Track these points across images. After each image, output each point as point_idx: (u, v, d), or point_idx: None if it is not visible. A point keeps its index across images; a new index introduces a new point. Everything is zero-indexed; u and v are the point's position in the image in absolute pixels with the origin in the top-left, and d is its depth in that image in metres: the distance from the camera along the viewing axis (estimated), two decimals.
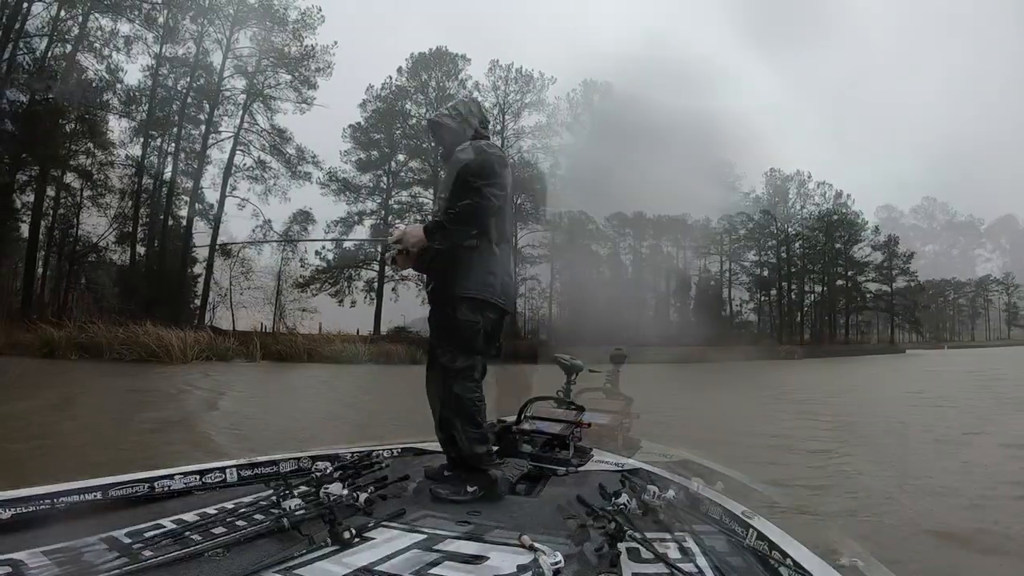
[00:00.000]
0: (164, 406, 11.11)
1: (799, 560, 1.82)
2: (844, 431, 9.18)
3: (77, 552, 1.79)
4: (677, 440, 6.00)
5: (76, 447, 6.71)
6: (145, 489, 2.42)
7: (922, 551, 4.05)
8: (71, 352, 20.14)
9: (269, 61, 32.58)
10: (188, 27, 30.74)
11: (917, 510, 4.86)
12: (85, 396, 12.01)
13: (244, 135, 32.64)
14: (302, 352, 25.61)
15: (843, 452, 7.45)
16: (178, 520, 2.14)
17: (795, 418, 10.54)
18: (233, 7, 31.46)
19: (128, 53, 29.20)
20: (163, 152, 31.19)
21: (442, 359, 2.82)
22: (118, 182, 30.14)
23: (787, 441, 8.21)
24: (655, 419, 10.70)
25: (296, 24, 32.40)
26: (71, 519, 2.07)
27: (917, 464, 6.68)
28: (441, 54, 37.50)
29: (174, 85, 31.13)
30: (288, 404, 12.98)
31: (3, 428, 7.48)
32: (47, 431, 7.42)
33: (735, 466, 4.74)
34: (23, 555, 1.72)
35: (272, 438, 7.82)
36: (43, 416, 8.62)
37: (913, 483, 5.68)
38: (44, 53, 26.80)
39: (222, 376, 17.29)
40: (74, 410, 9.76)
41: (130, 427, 8.29)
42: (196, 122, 31.71)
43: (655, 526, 2.23)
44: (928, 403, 13.03)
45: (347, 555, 1.89)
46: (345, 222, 35.84)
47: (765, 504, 4.18)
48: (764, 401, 13.87)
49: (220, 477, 2.69)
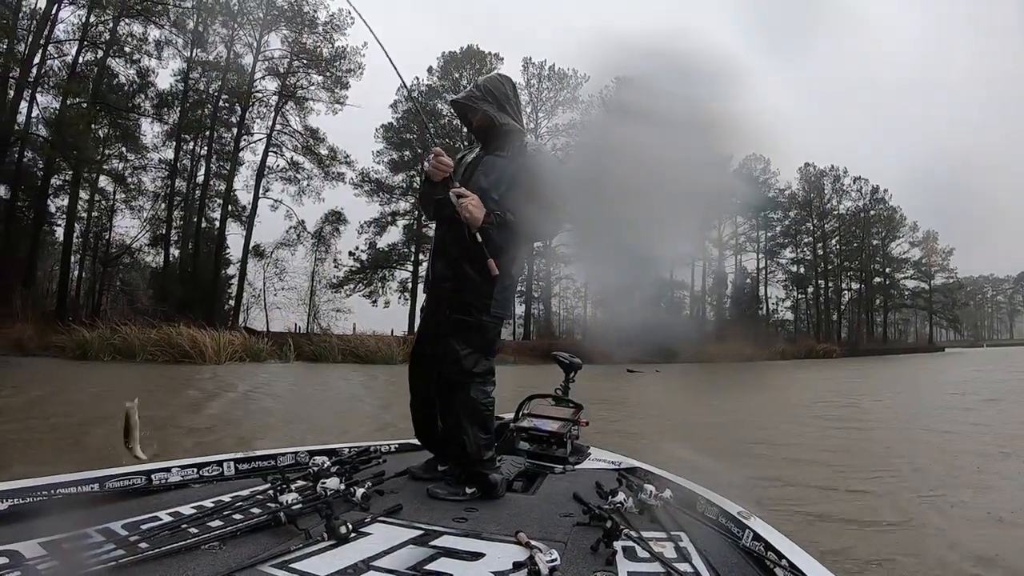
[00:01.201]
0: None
1: (795, 561, 1.75)
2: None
3: (74, 543, 1.78)
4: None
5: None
6: (142, 482, 2.42)
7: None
8: (103, 353, 19.59)
9: (300, 62, 32.01)
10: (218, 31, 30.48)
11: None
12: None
13: (277, 136, 32.22)
14: (336, 353, 24.89)
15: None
16: (175, 513, 2.13)
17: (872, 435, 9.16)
18: (262, 11, 31.01)
19: (159, 57, 28.95)
20: (196, 155, 30.92)
21: (464, 362, 2.68)
22: (151, 185, 29.99)
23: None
24: (667, 425, 9.41)
25: (326, 25, 31.78)
26: (68, 510, 2.05)
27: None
28: (472, 52, 36.64)
29: (206, 88, 30.80)
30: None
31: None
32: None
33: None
34: (20, 546, 1.72)
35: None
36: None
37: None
38: (75, 58, 26.43)
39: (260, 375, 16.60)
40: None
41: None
42: (228, 125, 31.34)
43: (651, 525, 2.19)
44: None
45: (343, 550, 1.86)
46: (378, 223, 35.07)
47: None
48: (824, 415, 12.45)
49: (217, 471, 2.69)
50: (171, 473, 2.52)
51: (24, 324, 20.61)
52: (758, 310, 46.78)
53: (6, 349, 18.79)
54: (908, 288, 54.09)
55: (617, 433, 7.61)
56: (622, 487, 2.46)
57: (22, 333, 20.08)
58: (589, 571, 1.81)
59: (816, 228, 48.54)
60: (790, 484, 5.32)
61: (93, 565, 1.59)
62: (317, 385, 15.65)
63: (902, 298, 53.94)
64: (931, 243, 52.79)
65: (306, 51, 31.82)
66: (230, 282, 31.73)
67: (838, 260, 50.24)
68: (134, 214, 29.60)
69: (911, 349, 53.39)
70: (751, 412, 10.78)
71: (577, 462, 3.29)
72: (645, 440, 7.47)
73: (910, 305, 55.14)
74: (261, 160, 31.63)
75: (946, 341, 66.50)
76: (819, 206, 48.59)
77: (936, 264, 53.39)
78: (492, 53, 36.88)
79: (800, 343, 44.52)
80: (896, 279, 53.00)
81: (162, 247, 29.78)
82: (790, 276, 48.46)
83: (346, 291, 34.07)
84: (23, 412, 8.43)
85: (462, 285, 2.72)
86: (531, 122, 37.64)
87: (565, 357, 4.07)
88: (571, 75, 37.17)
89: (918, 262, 52.93)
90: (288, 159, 32.44)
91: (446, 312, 2.75)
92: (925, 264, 52.91)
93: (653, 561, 1.84)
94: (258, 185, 31.35)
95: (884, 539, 3.99)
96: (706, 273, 45.22)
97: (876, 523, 4.27)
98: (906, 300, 54.37)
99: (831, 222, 49.19)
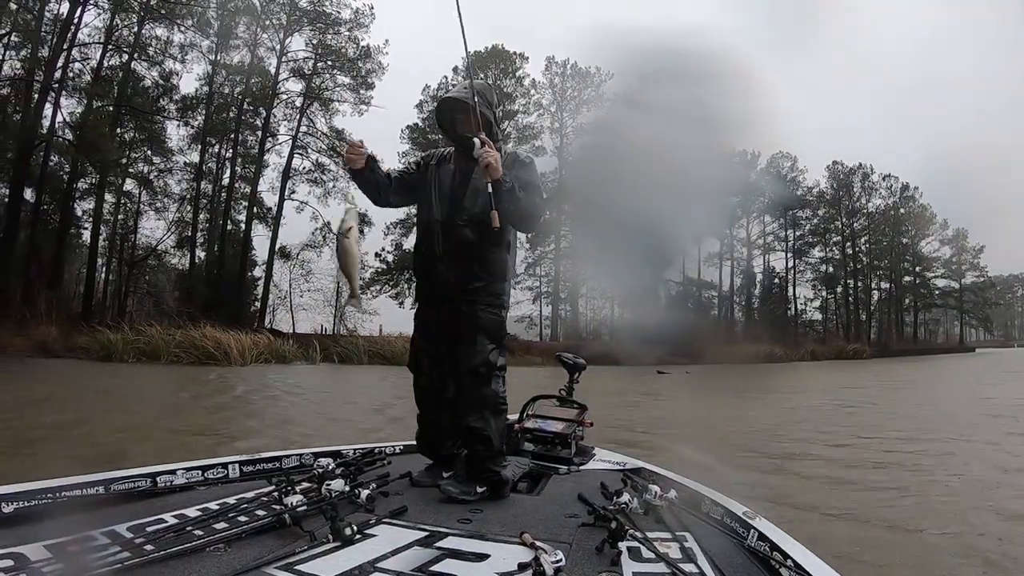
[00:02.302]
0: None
1: (800, 561, 1.75)
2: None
3: (79, 546, 1.76)
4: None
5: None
6: (147, 484, 2.41)
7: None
8: (128, 355, 19.03)
9: (325, 63, 31.38)
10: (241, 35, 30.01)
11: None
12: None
13: (302, 138, 31.58)
14: (362, 354, 24.19)
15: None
16: (180, 515, 2.11)
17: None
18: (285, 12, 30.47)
19: (183, 60, 28.44)
20: (221, 158, 30.45)
21: (491, 356, 2.66)
22: (177, 188, 29.64)
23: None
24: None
25: (350, 24, 31.07)
26: (73, 513, 2.04)
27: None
28: (497, 52, 35.76)
29: (231, 91, 30.34)
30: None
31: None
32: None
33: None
34: (25, 549, 1.70)
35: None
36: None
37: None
38: (100, 62, 26.01)
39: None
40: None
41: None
42: (253, 127, 30.83)
43: (656, 525, 2.16)
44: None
45: (348, 551, 1.83)
46: (404, 224, 34.22)
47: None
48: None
49: (222, 473, 2.66)
50: (176, 475, 2.51)
51: (49, 326, 20.12)
52: (787, 310, 45.39)
53: (30, 351, 18.36)
54: (938, 287, 52.40)
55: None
56: (627, 488, 2.44)
57: (46, 335, 19.59)
58: (594, 572, 1.79)
59: (845, 227, 47.02)
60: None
61: (98, 568, 1.58)
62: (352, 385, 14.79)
63: (932, 297, 52.22)
64: (961, 241, 51.14)
65: (330, 51, 31.18)
66: (256, 284, 31.27)
67: (867, 259, 48.64)
68: (159, 216, 29.30)
69: (942, 350, 51.77)
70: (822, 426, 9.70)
71: (582, 463, 3.27)
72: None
73: (940, 305, 53.47)
74: (286, 162, 31.06)
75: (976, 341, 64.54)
76: (848, 204, 47.09)
77: (966, 263, 51.73)
78: (518, 53, 35.99)
79: (830, 344, 43.17)
80: (926, 278, 51.28)
81: (188, 249, 29.39)
82: (819, 276, 47.01)
83: (372, 292, 33.35)
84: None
85: (477, 282, 2.70)
86: (556, 121, 36.76)
87: (569, 358, 4.00)
88: (594, 73, 36.16)
89: (948, 260, 51.26)
90: (313, 161, 31.84)
91: (461, 310, 2.70)
92: (955, 263, 51.20)
93: (658, 562, 1.82)
94: (284, 187, 30.70)
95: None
96: (734, 273, 44.02)
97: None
98: (936, 300, 52.65)
99: (860, 220, 47.62)
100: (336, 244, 2.57)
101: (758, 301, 44.87)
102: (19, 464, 5.05)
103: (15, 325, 19.53)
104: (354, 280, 2.59)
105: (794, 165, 44.19)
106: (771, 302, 44.52)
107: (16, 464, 5.03)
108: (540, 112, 36.73)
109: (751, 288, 44.73)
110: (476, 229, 2.65)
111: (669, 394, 14.30)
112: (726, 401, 12.23)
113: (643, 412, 10.50)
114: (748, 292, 44.68)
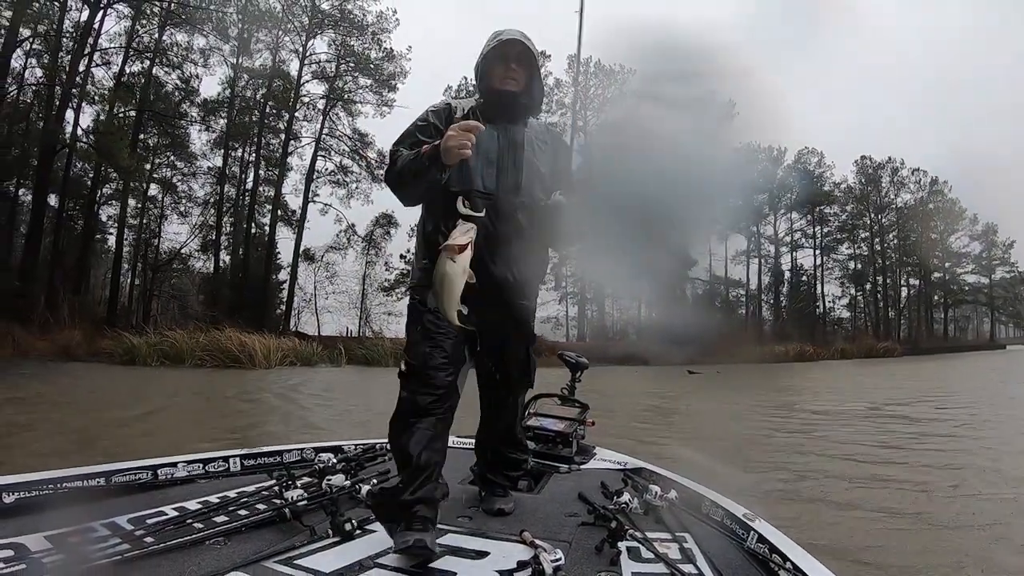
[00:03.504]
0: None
1: (799, 564, 1.70)
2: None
3: (79, 537, 1.76)
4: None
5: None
6: (148, 476, 2.38)
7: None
8: (151, 359, 18.44)
9: (348, 65, 30.77)
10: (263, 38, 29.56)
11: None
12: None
13: (325, 140, 31.03)
14: (388, 356, 23.36)
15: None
16: (180, 508, 2.10)
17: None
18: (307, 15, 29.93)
19: (205, 65, 28.01)
20: (244, 161, 30.02)
21: (532, 362, 2.39)
22: (201, 191, 29.36)
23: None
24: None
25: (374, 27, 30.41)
26: (74, 504, 2.04)
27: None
28: None
29: (253, 95, 29.93)
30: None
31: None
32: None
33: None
34: (26, 539, 1.70)
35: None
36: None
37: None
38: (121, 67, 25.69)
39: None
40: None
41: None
42: (276, 130, 30.34)
43: (656, 526, 2.13)
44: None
45: (348, 547, 1.83)
46: None
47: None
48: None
49: (223, 466, 2.62)
50: (177, 468, 2.47)
51: (72, 331, 19.65)
52: (815, 308, 44.03)
53: (52, 355, 17.86)
54: (968, 283, 50.67)
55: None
56: (627, 487, 2.42)
57: (70, 339, 19.10)
58: (593, 571, 1.76)
59: (873, 222, 45.54)
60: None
61: (98, 559, 1.58)
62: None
63: (963, 293, 50.52)
64: (991, 236, 49.39)
65: (353, 54, 30.57)
66: (281, 286, 30.78)
67: (896, 255, 47.09)
68: (183, 220, 29.01)
69: (972, 347, 50.12)
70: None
71: (583, 462, 3.21)
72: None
73: (971, 301, 51.73)
74: (310, 164, 30.49)
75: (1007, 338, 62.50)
76: (876, 200, 45.61)
77: (996, 257, 49.91)
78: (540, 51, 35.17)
79: (859, 342, 41.70)
80: (956, 274, 49.61)
81: (212, 253, 28.97)
82: (847, 273, 45.57)
83: (397, 294, 32.46)
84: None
85: (521, 287, 2.24)
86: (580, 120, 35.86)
87: (572, 356, 3.89)
88: (618, 71, 35.18)
89: (978, 256, 49.50)
90: (337, 163, 31.31)
91: (501, 311, 2.19)
92: (985, 258, 49.43)
93: (657, 562, 1.80)
94: (307, 189, 30.08)
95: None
96: (762, 271, 42.75)
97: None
98: (967, 296, 50.94)
99: (889, 215, 46.11)
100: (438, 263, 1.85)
101: (786, 299, 43.55)
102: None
103: (38, 330, 19.12)
104: (447, 310, 1.86)
105: (821, 160, 42.91)
106: (800, 300, 43.20)
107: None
108: (563, 111, 35.88)
109: (779, 286, 43.44)
110: (528, 213, 2.18)
111: (711, 398, 13.06)
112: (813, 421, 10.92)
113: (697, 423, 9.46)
114: (776, 290, 43.39)
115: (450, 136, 1.86)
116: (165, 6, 25.93)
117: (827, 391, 15.35)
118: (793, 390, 15.78)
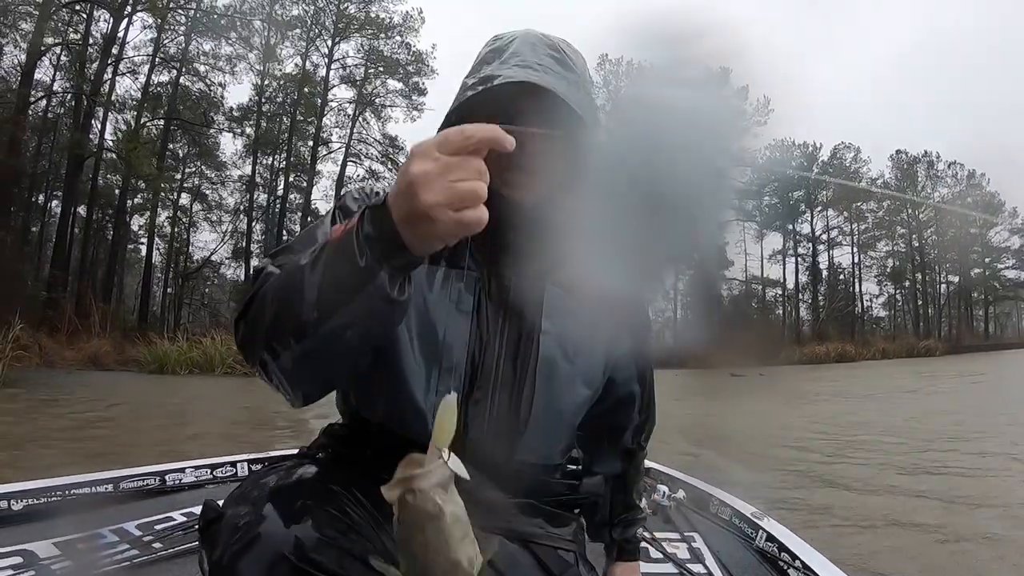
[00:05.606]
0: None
1: (808, 562, 1.65)
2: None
3: (88, 543, 1.74)
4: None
5: None
6: (156, 482, 2.36)
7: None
8: (180, 367, 17.51)
9: (376, 69, 29.94)
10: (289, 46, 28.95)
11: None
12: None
13: (354, 146, 30.25)
14: None
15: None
16: (188, 513, 2.05)
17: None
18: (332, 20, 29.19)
19: (232, 72, 27.34)
20: (274, 168, 29.34)
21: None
22: (230, 199, 28.86)
23: None
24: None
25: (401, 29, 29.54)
26: (82, 511, 2.01)
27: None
28: None
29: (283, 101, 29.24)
30: None
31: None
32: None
33: None
34: (35, 546, 1.67)
35: None
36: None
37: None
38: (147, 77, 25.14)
39: None
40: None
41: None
42: (305, 137, 29.59)
43: (665, 526, 2.10)
44: None
45: None
46: None
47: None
48: None
49: (231, 471, 2.57)
50: (185, 473, 2.43)
51: (101, 339, 18.90)
52: (853, 308, 42.11)
53: (80, 364, 17.14)
54: (1008, 279, 48.30)
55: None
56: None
57: (99, 348, 18.35)
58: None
59: (911, 218, 43.51)
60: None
61: (107, 565, 1.57)
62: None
63: (1004, 289, 48.16)
64: None
65: (382, 57, 29.71)
66: None
67: (934, 251, 44.98)
68: (213, 228, 28.52)
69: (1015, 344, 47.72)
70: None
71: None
72: None
73: (1012, 297, 49.32)
74: (340, 170, 29.80)
75: None
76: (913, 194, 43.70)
77: None
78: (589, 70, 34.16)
79: (900, 341, 39.62)
80: (996, 269, 47.31)
81: (243, 260, 28.32)
82: (884, 272, 43.60)
83: None
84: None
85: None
86: None
87: None
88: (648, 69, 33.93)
89: (1019, 250, 47.16)
90: (367, 168, 30.52)
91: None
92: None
93: (666, 562, 1.78)
94: (337, 195, 28.98)
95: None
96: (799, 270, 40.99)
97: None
98: (1008, 292, 48.55)
99: (926, 211, 44.07)
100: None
101: (824, 299, 41.71)
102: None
103: (67, 339, 18.36)
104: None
105: (857, 156, 41.10)
106: (838, 299, 41.33)
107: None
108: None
109: (817, 284, 41.63)
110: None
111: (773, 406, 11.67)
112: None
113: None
114: (814, 289, 41.59)
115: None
116: (190, 15, 25.39)
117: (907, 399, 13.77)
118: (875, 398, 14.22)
